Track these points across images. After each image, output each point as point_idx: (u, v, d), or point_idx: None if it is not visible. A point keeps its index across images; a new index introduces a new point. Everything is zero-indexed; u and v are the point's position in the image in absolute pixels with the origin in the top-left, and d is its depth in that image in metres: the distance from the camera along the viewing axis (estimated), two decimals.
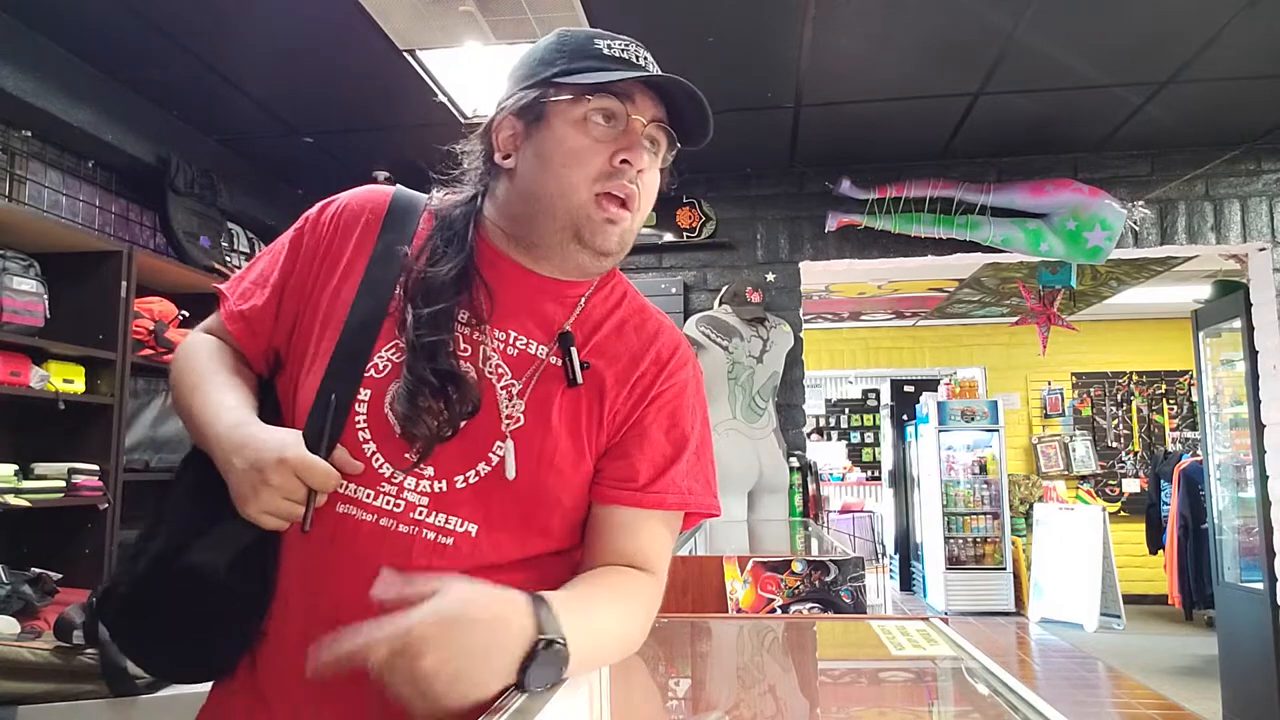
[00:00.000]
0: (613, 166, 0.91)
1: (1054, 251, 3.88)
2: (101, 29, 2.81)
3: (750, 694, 1.13)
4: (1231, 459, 4.50)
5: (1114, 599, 6.82)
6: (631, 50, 0.96)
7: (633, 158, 0.91)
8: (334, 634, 0.78)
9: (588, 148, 0.91)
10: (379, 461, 0.87)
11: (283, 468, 0.81)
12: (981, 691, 0.96)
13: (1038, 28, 2.86)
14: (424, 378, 0.87)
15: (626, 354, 0.96)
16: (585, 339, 0.95)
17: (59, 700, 1.87)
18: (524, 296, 0.95)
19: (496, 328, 0.93)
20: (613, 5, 2.68)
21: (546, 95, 0.93)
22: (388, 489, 0.86)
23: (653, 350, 0.97)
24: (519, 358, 0.92)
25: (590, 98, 0.91)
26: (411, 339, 0.88)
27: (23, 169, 2.95)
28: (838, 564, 1.68)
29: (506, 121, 0.95)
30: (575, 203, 0.91)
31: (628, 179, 0.91)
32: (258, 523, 0.83)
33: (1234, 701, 4.31)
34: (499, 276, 0.95)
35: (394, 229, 0.97)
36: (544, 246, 0.94)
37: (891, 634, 1.21)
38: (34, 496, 2.58)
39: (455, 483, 0.87)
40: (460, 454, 0.87)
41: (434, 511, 0.86)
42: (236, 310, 0.97)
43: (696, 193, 4.21)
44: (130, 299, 2.92)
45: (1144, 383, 8.30)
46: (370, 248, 0.96)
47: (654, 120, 0.94)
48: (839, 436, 10.39)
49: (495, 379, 0.91)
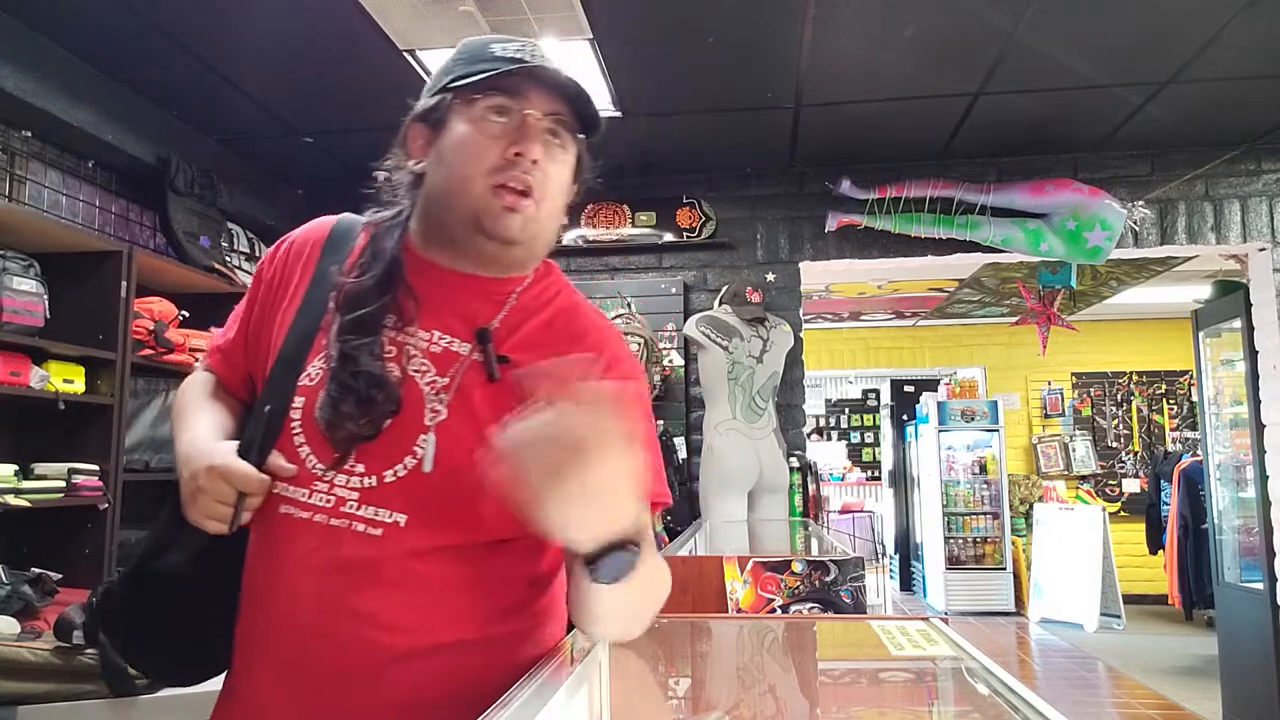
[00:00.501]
0: (506, 159, 0.95)
1: (1054, 251, 3.88)
2: (101, 29, 2.81)
3: (750, 694, 1.13)
4: (1231, 459, 4.50)
5: (1114, 599, 6.82)
6: (527, 50, 0.99)
7: (525, 150, 0.95)
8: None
9: (482, 143, 0.95)
10: (313, 463, 0.92)
11: (211, 473, 0.89)
12: (981, 691, 0.96)
13: (1038, 28, 2.86)
14: (345, 383, 0.92)
15: (552, 351, 0.97)
16: (510, 334, 0.98)
17: (59, 700, 1.87)
18: (449, 296, 0.99)
19: (421, 328, 0.97)
20: (613, 5, 2.69)
21: (445, 99, 0.98)
22: (320, 487, 0.92)
23: (581, 349, 0.99)
24: (442, 355, 0.96)
25: (481, 96, 0.96)
26: (335, 346, 0.94)
27: (23, 169, 2.95)
28: (838, 564, 1.68)
29: (415, 129, 1.02)
30: (473, 195, 0.95)
31: (522, 170, 0.95)
32: (200, 526, 0.90)
33: (1234, 701, 4.31)
34: (424, 279, 0.99)
35: (333, 252, 1.04)
36: (456, 242, 0.99)
37: (891, 634, 1.21)
38: (34, 496, 2.58)
39: (384, 477, 0.91)
40: (387, 450, 0.92)
41: (364, 504, 0.90)
42: (215, 346, 1.09)
43: (696, 193, 4.21)
44: (130, 299, 2.91)
45: (1144, 383, 8.30)
46: (312, 273, 1.03)
47: (549, 114, 0.97)
48: (839, 436, 10.39)
49: (419, 376, 0.95)
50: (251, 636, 0.96)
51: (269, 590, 0.94)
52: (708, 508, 3.71)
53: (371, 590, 0.89)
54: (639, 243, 4.21)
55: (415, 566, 0.90)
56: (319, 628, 0.90)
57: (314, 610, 0.90)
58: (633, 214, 4.22)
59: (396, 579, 0.90)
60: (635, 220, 4.22)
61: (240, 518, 0.90)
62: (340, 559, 0.89)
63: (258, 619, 0.95)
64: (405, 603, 0.90)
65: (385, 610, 0.90)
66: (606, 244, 4.21)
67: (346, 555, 0.90)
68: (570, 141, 1.01)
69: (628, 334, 3.67)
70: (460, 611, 0.93)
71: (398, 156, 1.04)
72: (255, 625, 0.96)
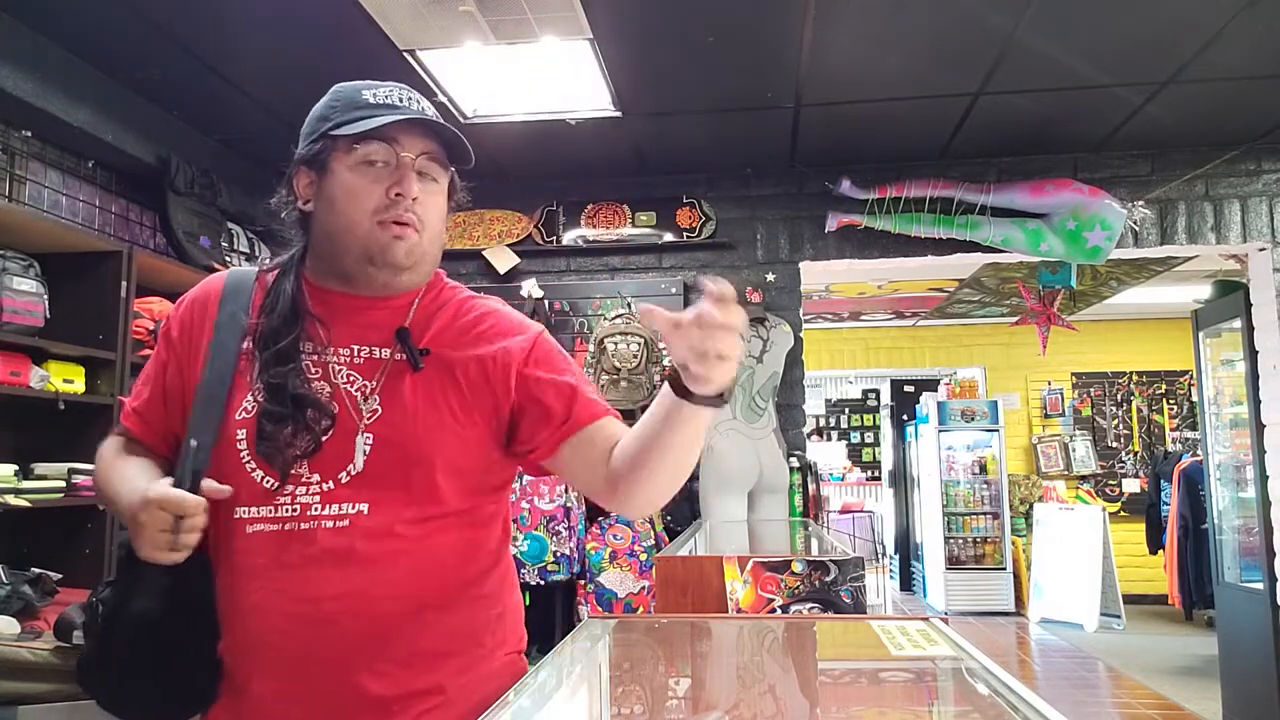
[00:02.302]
0: (389, 199, 1.07)
1: (1054, 251, 3.87)
2: (101, 29, 2.81)
3: (750, 694, 1.13)
4: (1231, 459, 4.50)
5: (1114, 599, 6.82)
6: (395, 94, 1.11)
7: (404, 189, 1.07)
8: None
9: (364, 188, 1.07)
10: (270, 483, 1.04)
11: (147, 505, 0.97)
12: (981, 691, 0.96)
13: (1038, 28, 2.86)
14: (277, 412, 1.04)
15: (462, 336, 1.13)
16: (422, 333, 1.12)
17: (59, 700, 1.87)
18: (356, 317, 1.11)
19: (340, 347, 1.09)
20: (613, 5, 2.68)
21: (326, 148, 1.09)
22: (283, 499, 1.03)
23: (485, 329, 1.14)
24: (366, 364, 1.09)
25: (358, 145, 1.07)
26: (260, 382, 1.05)
27: (23, 169, 2.95)
28: (838, 564, 1.68)
29: (301, 172, 1.13)
30: (360, 234, 1.07)
31: (403, 208, 1.07)
32: (153, 560, 0.97)
33: (1234, 701, 4.31)
34: (328, 307, 1.11)
35: (232, 300, 1.14)
36: (350, 275, 1.11)
37: (891, 634, 1.21)
38: (34, 496, 2.58)
39: (340, 479, 1.04)
40: (335, 456, 1.04)
41: (327, 504, 1.03)
42: (130, 409, 1.18)
43: (696, 193, 4.21)
44: (130, 299, 2.91)
45: (1144, 383, 8.30)
46: (214, 320, 1.13)
47: (422, 154, 1.09)
48: (839, 436, 10.39)
49: (349, 385, 1.08)
50: (241, 648, 1.05)
51: (252, 598, 1.03)
52: (708, 508, 3.71)
53: (350, 569, 1.01)
54: (639, 243, 4.21)
55: (385, 544, 1.03)
56: (307, 614, 1.00)
57: (300, 600, 1.00)
58: (633, 214, 4.22)
59: (371, 556, 1.02)
60: (635, 220, 4.22)
61: (183, 540, 0.97)
62: (316, 552, 1.01)
63: (247, 629, 1.04)
64: (382, 577, 1.02)
65: (367, 585, 1.01)
66: (606, 244, 4.21)
67: (321, 548, 1.01)
68: (443, 174, 1.13)
69: (627, 334, 3.67)
70: (434, 578, 1.05)
71: (284, 196, 1.15)
72: (246, 635, 1.04)
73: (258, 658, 1.03)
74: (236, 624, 1.05)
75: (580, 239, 4.21)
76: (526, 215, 4.25)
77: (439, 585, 1.06)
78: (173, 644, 1.05)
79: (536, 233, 4.23)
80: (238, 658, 1.05)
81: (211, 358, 1.10)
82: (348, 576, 1.01)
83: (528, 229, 4.23)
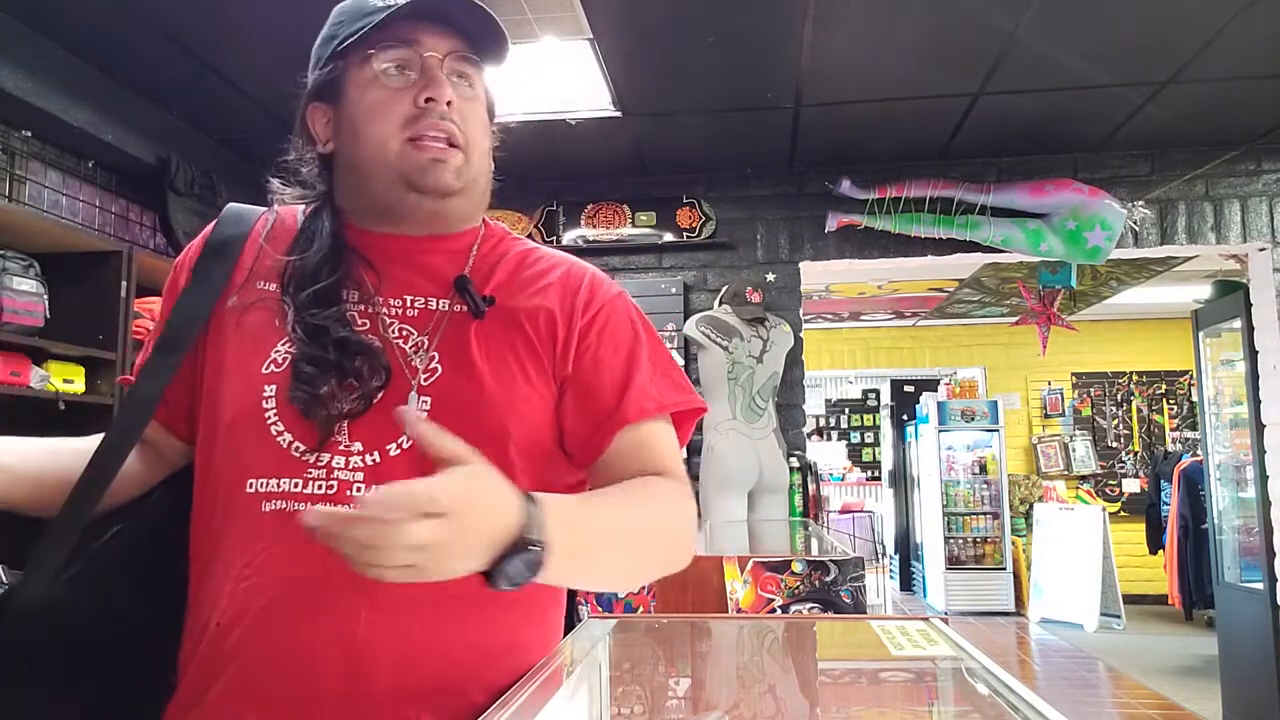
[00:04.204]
0: (418, 108, 0.88)
1: (1054, 251, 3.88)
2: (101, 29, 2.81)
3: (750, 694, 1.13)
4: (1231, 459, 4.50)
5: (1114, 599, 6.82)
6: None
7: (435, 94, 0.88)
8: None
9: (388, 99, 0.89)
10: (299, 450, 0.83)
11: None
12: (981, 691, 0.96)
13: (1038, 28, 2.86)
14: (316, 356, 0.84)
15: (529, 288, 0.93)
16: (482, 283, 0.93)
17: None
18: (408, 261, 0.93)
19: (391, 297, 0.91)
20: (613, 5, 2.69)
21: (337, 70, 0.92)
22: (315, 473, 0.82)
23: (556, 283, 0.94)
24: (420, 316, 0.90)
25: (374, 51, 0.90)
26: (297, 323, 0.87)
27: (23, 169, 2.95)
28: (838, 564, 1.68)
29: (315, 111, 0.95)
30: (391, 155, 0.88)
31: (437, 115, 0.88)
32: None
33: (1234, 701, 4.31)
34: (374, 251, 0.93)
35: (227, 226, 0.97)
36: (391, 209, 0.92)
37: (891, 634, 1.21)
38: None
39: (388, 452, 0.83)
40: (385, 422, 0.82)
41: (372, 484, 0.79)
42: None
43: (696, 193, 4.21)
44: (130, 299, 2.92)
45: (1144, 383, 8.30)
46: (200, 251, 0.96)
47: (450, 53, 0.91)
48: (839, 436, 10.39)
49: (402, 340, 0.88)
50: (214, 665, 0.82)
51: (255, 602, 0.81)
52: (708, 508, 3.71)
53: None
54: (639, 243, 4.21)
55: None
56: (335, 633, 0.79)
57: (330, 614, 0.79)
58: (633, 214, 4.22)
59: None
60: (635, 220, 4.22)
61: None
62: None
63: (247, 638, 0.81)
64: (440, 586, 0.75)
65: (418, 598, 0.79)
66: (606, 244, 4.21)
67: None
68: (477, 75, 0.95)
69: None
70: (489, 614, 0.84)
71: (299, 145, 0.97)
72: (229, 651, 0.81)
73: (244, 688, 0.80)
74: (218, 634, 0.82)
75: (580, 239, 4.21)
76: (526, 215, 4.25)
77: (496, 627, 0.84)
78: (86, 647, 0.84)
79: (536, 233, 4.23)
80: (206, 678, 0.82)
81: (186, 291, 0.93)
82: (391, 590, 0.74)
83: (528, 229, 4.23)
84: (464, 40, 0.92)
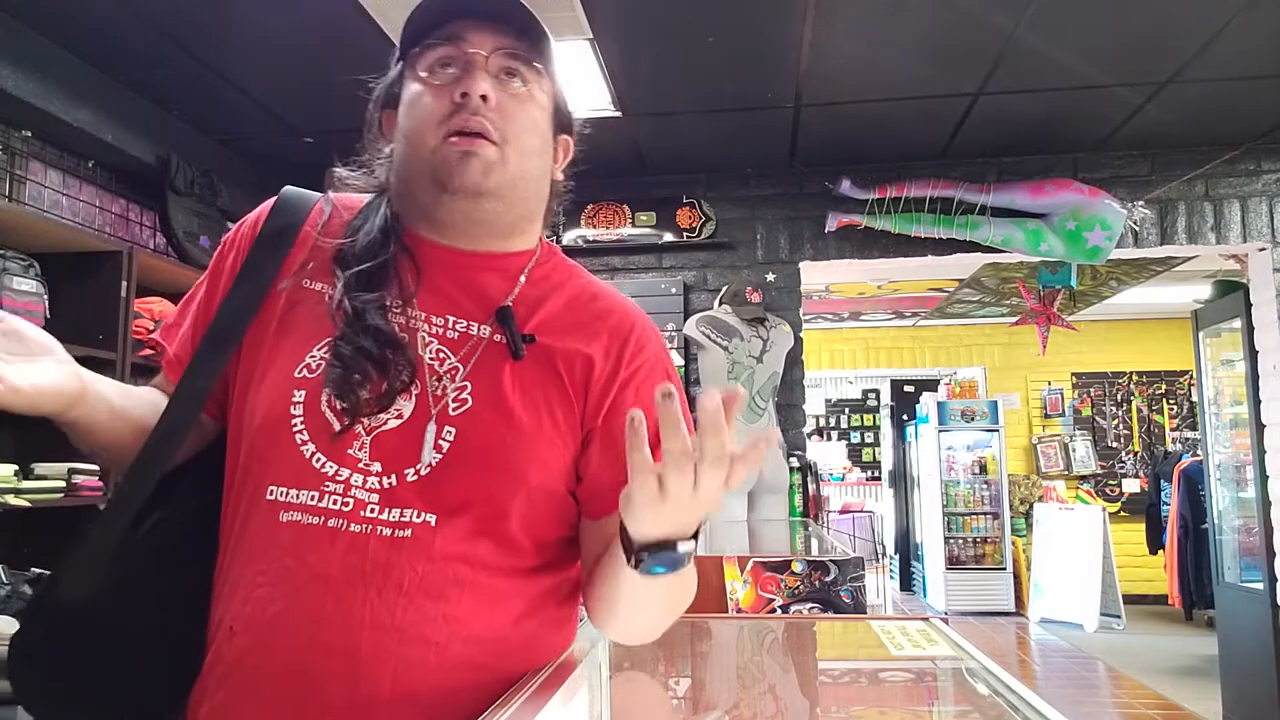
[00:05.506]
0: (454, 104, 0.87)
1: (1054, 251, 3.88)
2: (101, 29, 2.81)
3: (750, 694, 1.13)
4: (1231, 459, 4.50)
5: (1114, 599, 6.82)
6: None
7: (470, 88, 0.87)
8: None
9: (430, 95, 0.89)
10: (320, 461, 0.82)
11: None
12: (981, 691, 0.96)
13: (1038, 28, 2.86)
14: (359, 344, 0.83)
15: (575, 333, 0.91)
16: (530, 314, 0.90)
17: None
18: (454, 274, 0.91)
19: (433, 314, 0.89)
20: (613, 5, 2.68)
21: (398, 76, 0.94)
22: (333, 488, 0.82)
23: (605, 328, 0.92)
24: (459, 340, 0.88)
25: (418, 51, 0.91)
26: (342, 301, 0.86)
27: (23, 169, 2.95)
28: (838, 564, 1.68)
29: (386, 116, 0.97)
30: (427, 150, 0.88)
31: (471, 110, 0.87)
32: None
33: (1234, 701, 4.31)
34: (424, 258, 0.91)
35: (283, 215, 0.96)
36: (431, 212, 0.91)
37: (891, 634, 1.21)
38: (34, 496, 2.58)
39: (405, 476, 0.82)
40: (406, 445, 0.83)
41: (386, 508, 0.81)
42: (172, 355, 0.94)
43: (696, 193, 4.21)
44: (130, 299, 2.91)
45: (1144, 383, 8.30)
46: (254, 239, 0.94)
47: (498, 49, 0.90)
48: (839, 436, 10.39)
49: (437, 363, 0.86)
50: (226, 671, 0.83)
51: (266, 611, 0.81)
52: None
53: (405, 601, 0.80)
54: (639, 243, 4.21)
55: (454, 571, 0.81)
56: (338, 647, 0.79)
57: (335, 629, 0.79)
58: (633, 214, 4.22)
59: (434, 589, 0.80)
60: (635, 220, 4.22)
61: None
62: (365, 568, 0.79)
63: (253, 645, 0.81)
64: (442, 614, 0.81)
65: (419, 622, 0.80)
66: (606, 244, 4.21)
67: (373, 563, 0.80)
68: (533, 76, 0.92)
69: None
70: (497, 620, 0.84)
71: (374, 147, 0.98)
72: (241, 656, 0.82)
73: (250, 694, 0.81)
74: (229, 636, 0.83)
75: (580, 239, 4.21)
76: None
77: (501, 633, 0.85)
78: (123, 654, 0.84)
79: None
80: (216, 678, 0.83)
81: (239, 281, 0.91)
82: (404, 611, 0.79)
83: None
84: (513, 38, 0.91)
